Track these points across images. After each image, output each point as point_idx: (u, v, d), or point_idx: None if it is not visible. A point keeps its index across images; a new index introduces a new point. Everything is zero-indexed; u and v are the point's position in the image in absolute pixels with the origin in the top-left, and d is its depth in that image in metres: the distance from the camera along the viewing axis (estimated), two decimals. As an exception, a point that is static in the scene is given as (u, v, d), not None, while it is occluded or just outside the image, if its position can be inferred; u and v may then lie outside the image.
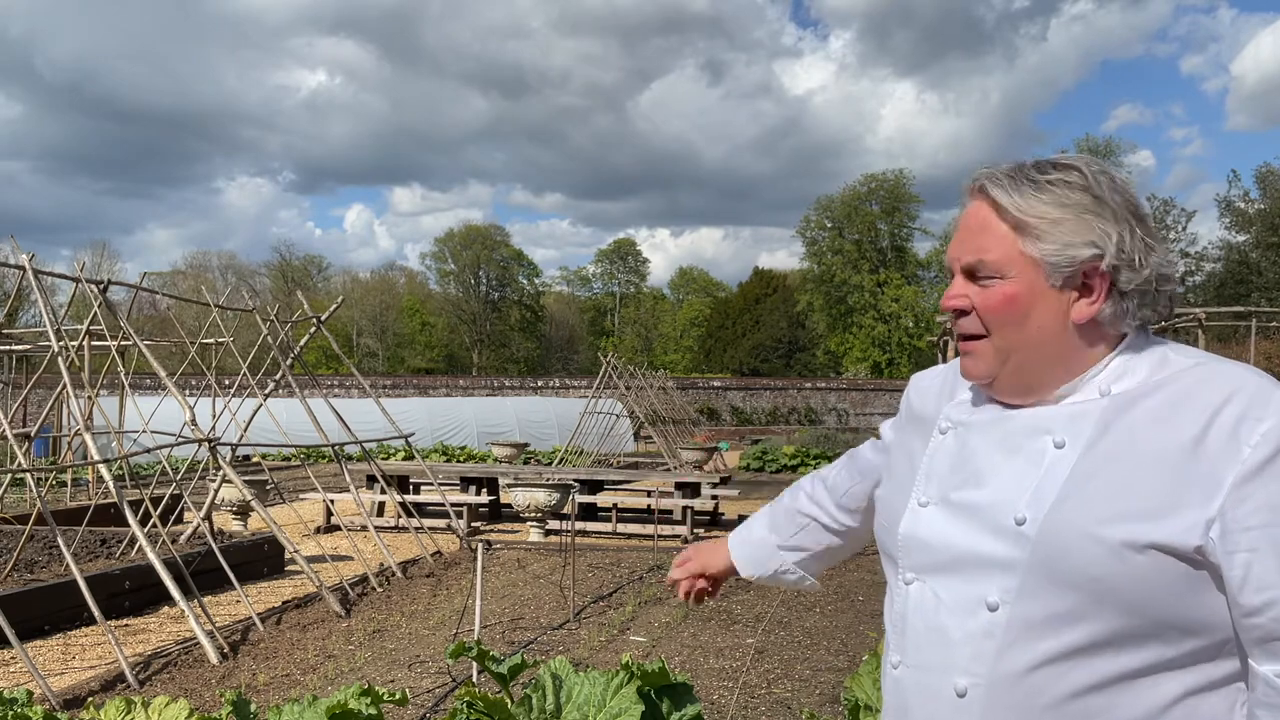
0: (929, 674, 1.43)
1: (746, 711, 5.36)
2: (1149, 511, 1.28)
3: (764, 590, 8.66)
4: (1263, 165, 44.58)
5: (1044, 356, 1.40)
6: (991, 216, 1.41)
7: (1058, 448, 1.37)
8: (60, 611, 7.09)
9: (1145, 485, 1.29)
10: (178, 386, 7.83)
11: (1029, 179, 1.39)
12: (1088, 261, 1.36)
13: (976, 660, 1.37)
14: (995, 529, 1.37)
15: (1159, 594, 1.28)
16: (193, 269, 64.85)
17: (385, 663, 6.30)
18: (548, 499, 11.69)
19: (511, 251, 75.04)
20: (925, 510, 1.47)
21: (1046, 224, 1.37)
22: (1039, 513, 1.34)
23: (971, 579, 1.39)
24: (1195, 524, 1.26)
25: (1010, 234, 1.39)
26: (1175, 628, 1.29)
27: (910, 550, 1.48)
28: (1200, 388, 1.32)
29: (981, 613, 1.37)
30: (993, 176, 1.42)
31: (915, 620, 1.46)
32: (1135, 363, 1.39)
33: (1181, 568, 1.28)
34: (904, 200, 64.52)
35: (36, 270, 7.37)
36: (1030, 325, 1.39)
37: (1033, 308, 1.39)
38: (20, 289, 8.64)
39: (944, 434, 1.52)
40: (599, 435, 21.41)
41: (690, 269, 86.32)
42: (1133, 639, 1.30)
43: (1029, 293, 1.39)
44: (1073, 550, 1.30)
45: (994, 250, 1.40)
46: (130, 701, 2.57)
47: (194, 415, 7.85)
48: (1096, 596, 1.29)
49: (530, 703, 2.31)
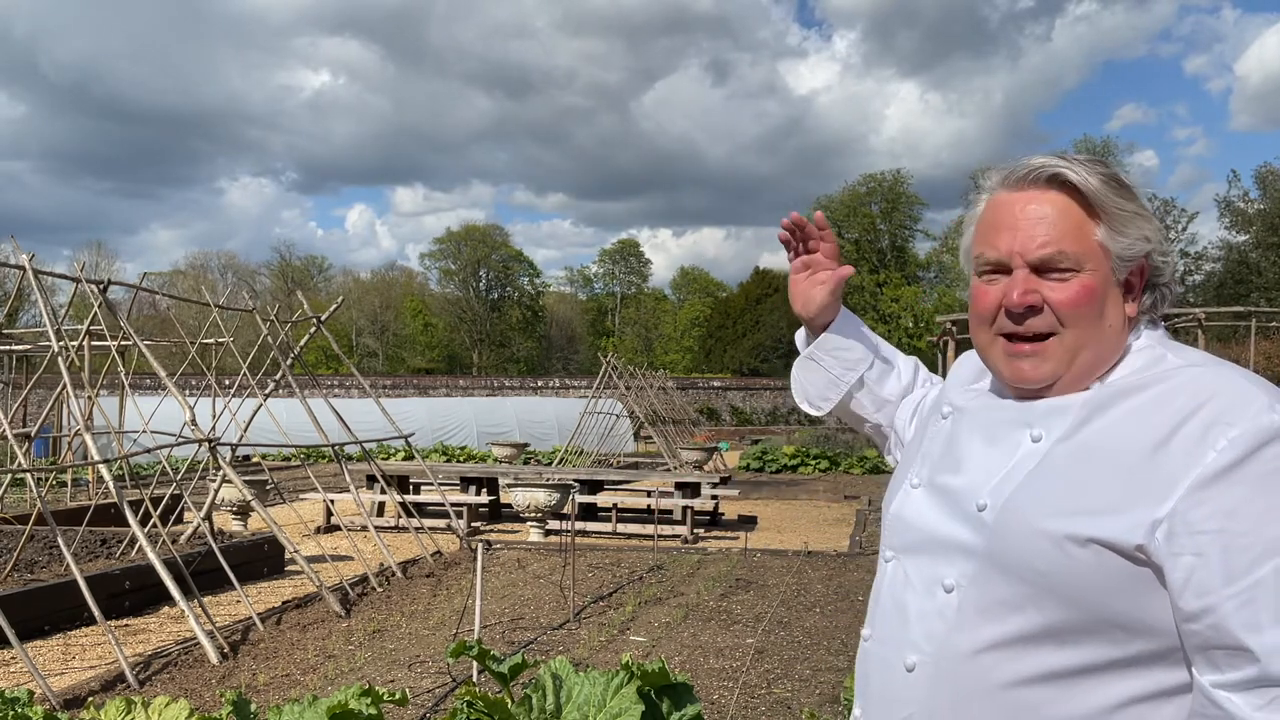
0: (887, 647, 1.47)
1: (746, 711, 5.36)
2: (1098, 508, 1.27)
3: (764, 590, 8.66)
4: (1262, 165, 44.66)
5: (1107, 353, 1.39)
6: (1070, 206, 1.37)
7: (1034, 441, 1.38)
8: (60, 611, 7.09)
9: (1101, 482, 1.29)
10: (178, 386, 7.83)
11: (1099, 171, 1.37)
12: (1143, 257, 1.39)
13: (927, 639, 1.39)
14: (963, 514, 1.39)
15: (1100, 591, 1.27)
16: (193, 269, 64.88)
17: (385, 663, 6.30)
18: (548, 499, 11.69)
19: (511, 251, 75.05)
20: (915, 492, 1.50)
21: (1125, 215, 1.37)
22: (999, 500, 1.35)
23: (936, 560, 1.41)
24: (1140, 523, 1.24)
25: (1086, 224, 1.37)
26: (1119, 627, 1.28)
27: (894, 529, 1.52)
28: (1182, 390, 1.30)
29: (938, 593, 1.39)
30: (1068, 164, 1.38)
31: (885, 596, 1.49)
32: (1133, 360, 1.40)
33: (1122, 564, 1.26)
34: (903, 200, 64.52)
35: (36, 270, 7.37)
36: (1104, 321, 1.38)
37: (1106, 302, 1.38)
38: (20, 289, 8.64)
39: (945, 419, 1.54)
40: (599, 435, 21.41)
41: (691, 269, 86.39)
42: (1075, 634, 1.29)
43: (1103, 286, 1.37)
44: (1021, 540, 1.32)
45: (1074, 241, 1.36)
46: (130, 701, 2.57)
47: (194, 415, 7.85)
48: (1040, 588, 1.30)
49: (530, 702, 2.31)
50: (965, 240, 1.52)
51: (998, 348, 1.43)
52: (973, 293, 1.46)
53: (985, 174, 1.50)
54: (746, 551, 10.69)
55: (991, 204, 1.45)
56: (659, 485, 13.85)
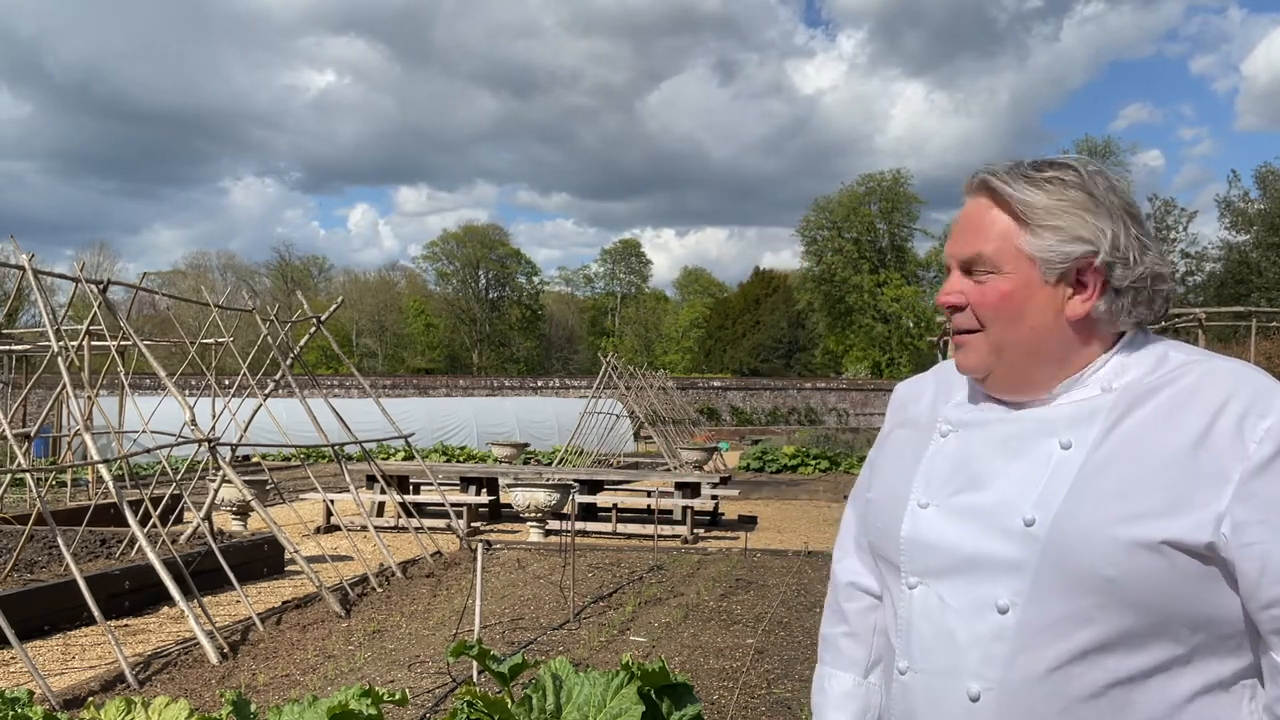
0: (937, 679, 1.42)
1: (746, 711, 5.36)
2: (1160, 509, 1.29)
3: (764, 590, 8.66)
4: (1263, 165, 44.65)
5: (1038, 353, 1.41)
6: (990, 211, 1.42)
7: (1064, 448, 1.37)
8: (60, 611, 7.09)
9: (1154, 483, 1.30)
10: (177, 386, 7.83)
11: (1025, 175, 1.41)
12: (1082, 257, 1.38)
13: (987, 664, 1.36)
14: (1003, 531, 1.37)
15: (1169, 592, 1.29)
16: (192, 269, 64.88)
17: (385, 663, 6.30)
18: (548, 499, 11.70)
19: (509, 250, 75.01)
20: (926, 512, 1.46)
21: (1042, 218, 1.38)
22: (1048, 513, 1.34)
23: (978, 581, 1.38)
24: (1205, 520, 1.28)
25: (1007, 229, 1.40)
26: (1183, 624, 1.30)
27: (913, 554, 1.46)
28: (1202, 386, 1.33)
29: (991, 615, 1.36)
30: (992, 172, 1.43)
31: (921, 625, 1.44)
32: (1134, 360, 1.40)
33: (1192, 564, 1.29)
34: (902, 200, 64.52)
35: (36, 270, 7.37)
36: (1024, 322, 1.40)
37: (1027, 304, 1.40)
38: (20, 289, 8.64)
39: (944, 436, 1.51)
40: (599, 435, 21.41)
41: (692, 269, 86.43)
42: (1142, 637, 1.30)
43: (1024, 289, 1.40)
44: (1084, 550, 1.31)
45: (990, 244, 1.41)
46: (130, 701, 2.57)
47: (194, 415, 7.85)
48: (1108, 596, 1.30)
49: (530, 703, 2.31)
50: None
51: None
52: None
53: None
54: (746, 551, 10.70)
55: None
56: (659, 485, 13.86)
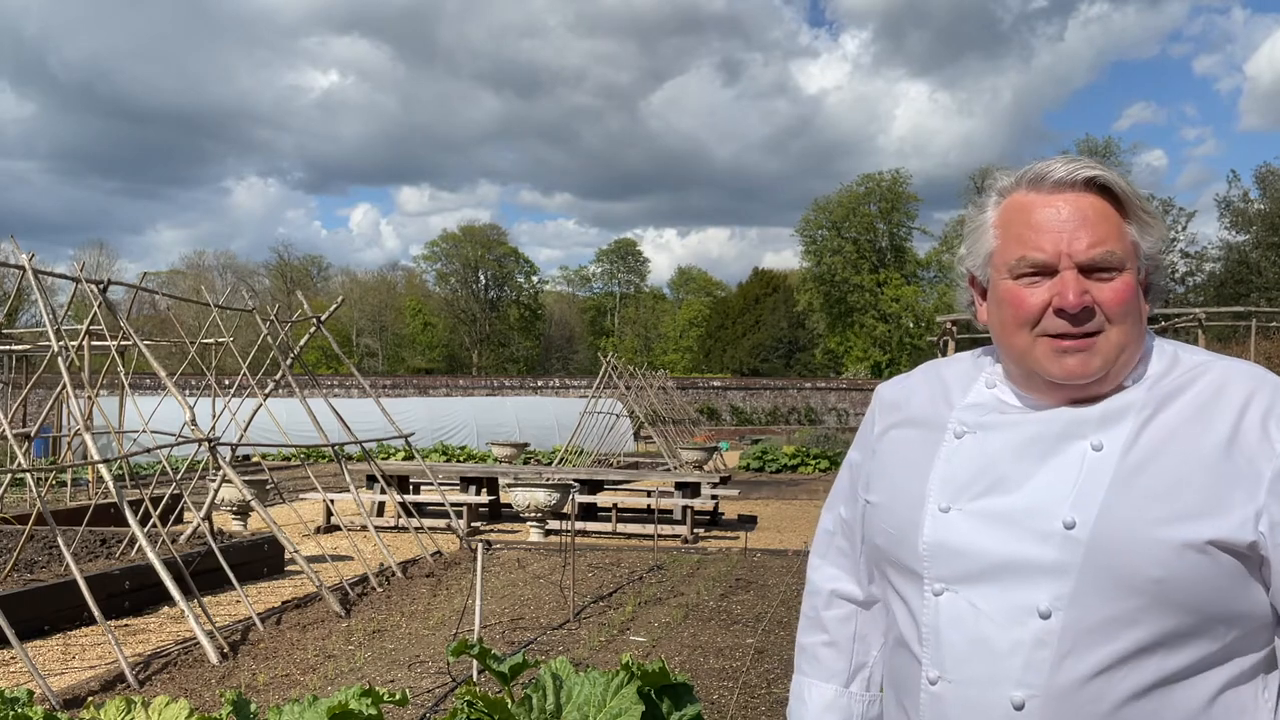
0: (975, 688, 1.37)
1: (746, 711, 5.36)
2: (1203, 509, 1.30)
3: (764, 590, 8.66)
4: (1262, 165, 44.61)
5: (1139, 349, 1.42)
6: (1108, 209, 1.39)
7: (1095, 450, 1.36)
8: (60, 611, 7.09)
9: (1195, 483, 1.31)
10: (178, 386, 7.83)
11: (1121, 175, 1.42)
12: (1159, 256, 1.43)
13: (1031, 670, 1.33)
14: (1039, 534, 1.34)
15: (1213, 590, 1.31)
16: (192, 269, 64.85)
17: (385, 663, 6.30)
18: (548, 499, 11.70)
19: (507, 249, 74.97)
20: (949, 516, 1.42)
21: (1149, 215, 1.41)
22: (1088, 515, 1.32)
23: (1014, 586, 1.35)
24: (1247, 519, 1.30)
25: (1123, 225, 1.40)
26: (1222, 621, 1.32)
27: (938, 559, 1.42)
28: (1226, 385, 1.36)
29: (1032, 621, 1.33)
30: (1102, 169, 1.41)
31: (951, 633, 1.40)
32: (1159, 359, 1.43)
33: (1233, 562, 1.31)
34: (901, 200, 64.51)
35: (36, 270, 7.37)
36: (1142, 318, 1.42)
37: (1140, 300, 1.41)
38: (20, 289, 8.64)
39: (960, 438, 1.46)
40: (599, 435, 21.40)
41: (686, 268, 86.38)
42: (1185, 637, 1.31)
43: (1138, 285, 1.41)
44: (1130, 551, 1.30)
45: (1120, 242, 1.39)
46: (130, 701, 2.57)
47: (194, 415, 7.85)
48: (1154, 597, 1.30)
49: (531, 702, 2.31)
50: (982, 243, 1.46)
51: (1042, 347, 1.39)
52: (1005, 296, 1.41)
53: (993, 176, 1.47)
54: (746, 551, 10.69)
55: (1017, 207, 1.42)
56: (659, 485, 13.86)
